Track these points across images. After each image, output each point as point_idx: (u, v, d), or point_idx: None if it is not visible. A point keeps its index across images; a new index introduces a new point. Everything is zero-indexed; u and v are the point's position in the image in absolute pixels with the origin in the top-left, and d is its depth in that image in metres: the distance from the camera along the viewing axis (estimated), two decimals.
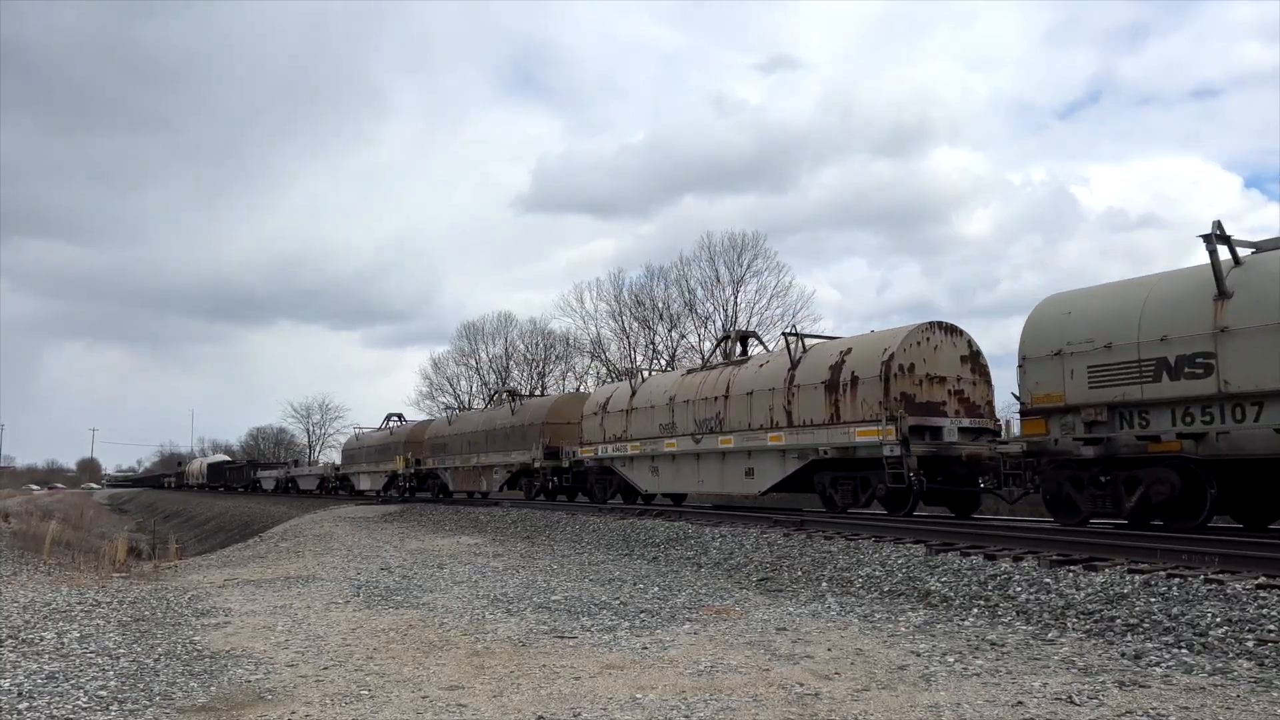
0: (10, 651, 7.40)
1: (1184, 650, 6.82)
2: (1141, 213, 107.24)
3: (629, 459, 22.99)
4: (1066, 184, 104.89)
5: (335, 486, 47.67)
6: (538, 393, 55.37)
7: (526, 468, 28.02)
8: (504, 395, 37.21)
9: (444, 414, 58.65)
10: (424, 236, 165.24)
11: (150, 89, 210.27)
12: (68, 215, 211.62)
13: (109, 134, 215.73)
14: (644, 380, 24.05)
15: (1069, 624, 7.90)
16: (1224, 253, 11.38)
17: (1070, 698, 5.63)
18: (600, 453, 24.24)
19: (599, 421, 24.59)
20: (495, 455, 29.86)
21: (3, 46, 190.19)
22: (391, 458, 38.19)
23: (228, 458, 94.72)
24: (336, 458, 67.95)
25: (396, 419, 43.13)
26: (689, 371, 22.44)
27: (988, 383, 16.86)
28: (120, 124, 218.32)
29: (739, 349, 22.98)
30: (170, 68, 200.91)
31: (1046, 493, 13.28)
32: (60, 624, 8.77)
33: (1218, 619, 7.28)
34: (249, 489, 65.66)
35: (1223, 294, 11.15)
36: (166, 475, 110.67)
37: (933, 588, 9.75)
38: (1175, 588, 8.21)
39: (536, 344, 59.95)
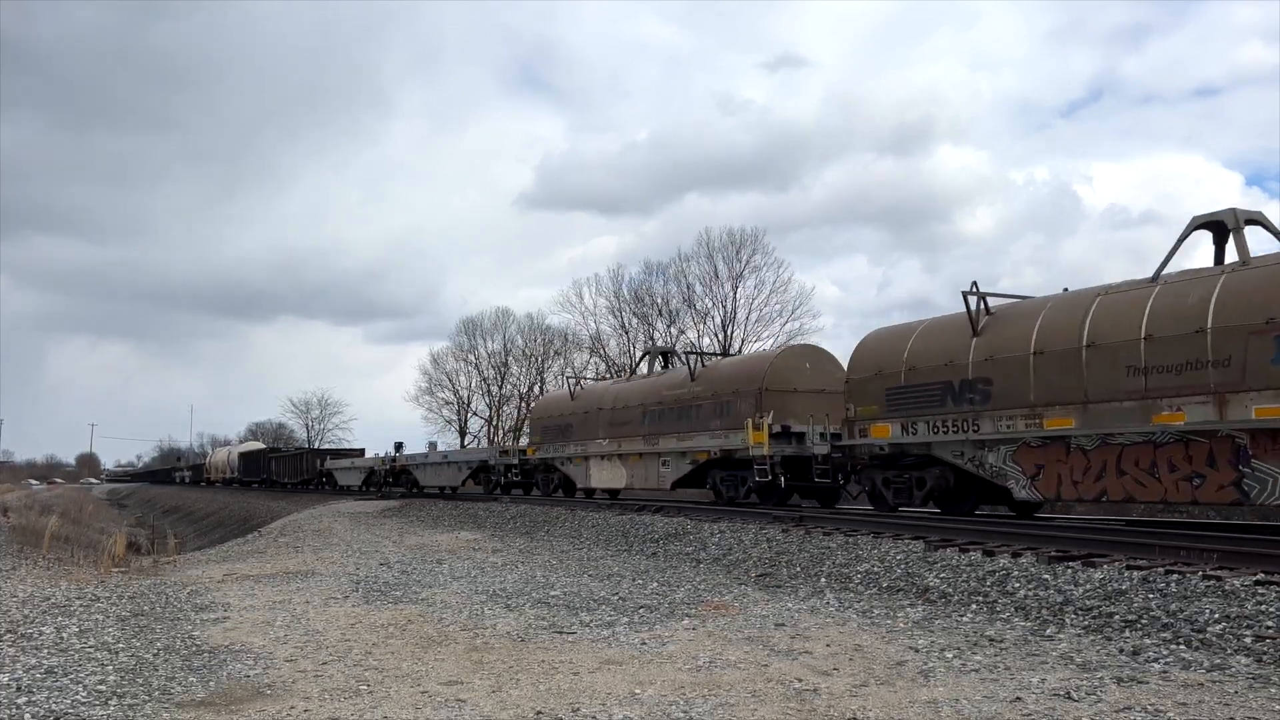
0: (9, 646, 7.40)
1: (1182, 646, 6.83)
2: (1143, 210, 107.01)
3: None
4: (1069, 182, 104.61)
5: (503, 484, 28.87)
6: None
7: None
8: None
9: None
10: (428, 234, 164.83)
11: (161, 89, 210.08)
12: (76, 212, 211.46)
13: (119, 133, 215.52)
14: None
15: (1067, 620, 7.91)
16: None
17: (1068, 693, 5.64)
18: None
19: None
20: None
21: (14, 45, 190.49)
22: (707, 425, 19.43)
23: (261, 444, 75.35)
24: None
25: (662, 357, 25.06)
26: None
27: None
28: (131, 123, 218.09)
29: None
30: (181, 68, 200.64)
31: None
32: (59, 619, 8.77)
33: (1216, 615, 7.28)
34: (309, 486, 47.66)
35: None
36: (178, 469, 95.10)
37: (931, 584, 9.76)
38: (1174, 584, 8.22)
39: (535, 340, 59.90)
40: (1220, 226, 12.37)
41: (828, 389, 18.26)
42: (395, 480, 37.53)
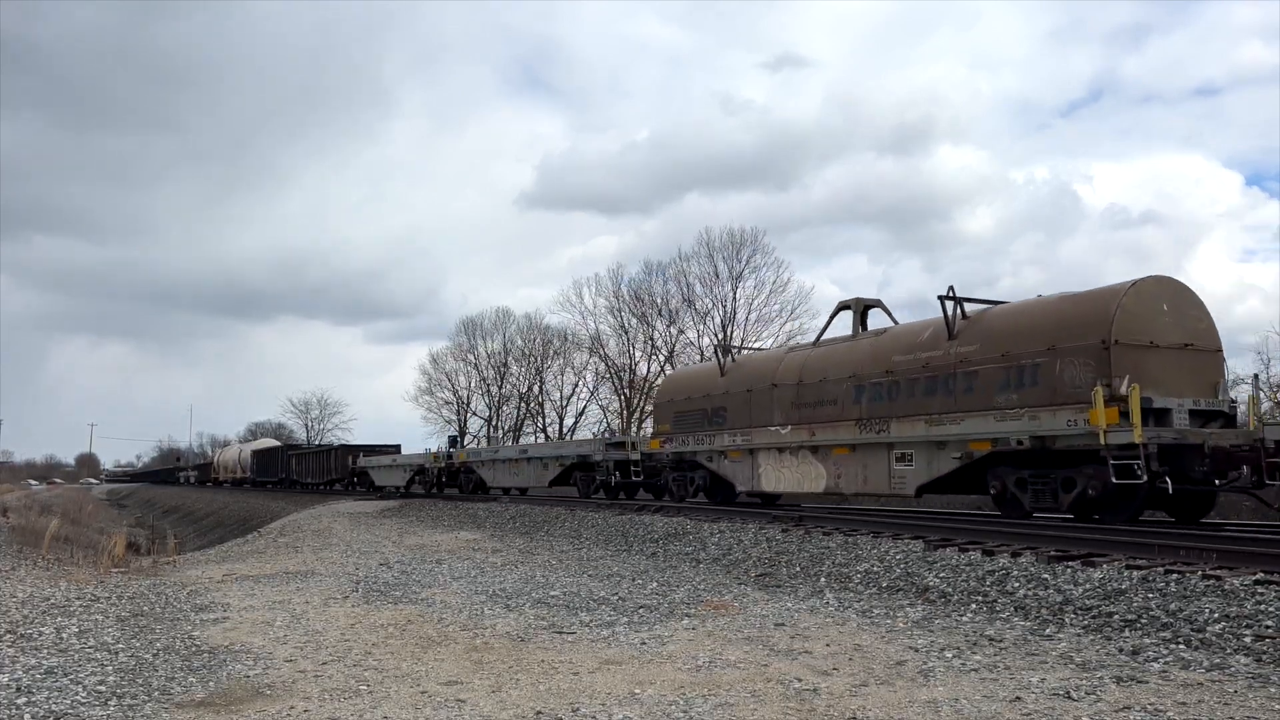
0: (9, 646, 7.40)
1: (1182, 646, 6.83)
2: (1143, 210, 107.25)
3: None
4: (1069, 182, 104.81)
5: (613, 485, 23.55)
6: None
7: None
8: None
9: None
10: (428, 233, 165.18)
11: (162, 89, 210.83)
12: (76, 212, 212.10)
13: (120, 133, 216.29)
14: None
15: (1067, 620, 7.91)
16: None
17: (1068, 693, 5.64)
18: None
19: None
20: None
21: (15, 45, 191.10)
22: (990, 400, 13.62)
23: (274, 441, 71.96)
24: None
25: (861, 315, 17.83)
26: None
27: None
28: (132, 123, 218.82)
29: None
30: (182, 68, 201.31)
31: None
32: (59, 619, 8.76)
33: (1215, 614, 7.29)
34: (336, 487, 42.90)
35: None
36: (181, 469, 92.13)
37: (931, 583, 9.76)
38: (1173, 583, 8.22)
39: (534, 340, 59.98)
40: None
41: (1196, 344, 12.95)
42: (450, 480, 32.43)
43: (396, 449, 42.00)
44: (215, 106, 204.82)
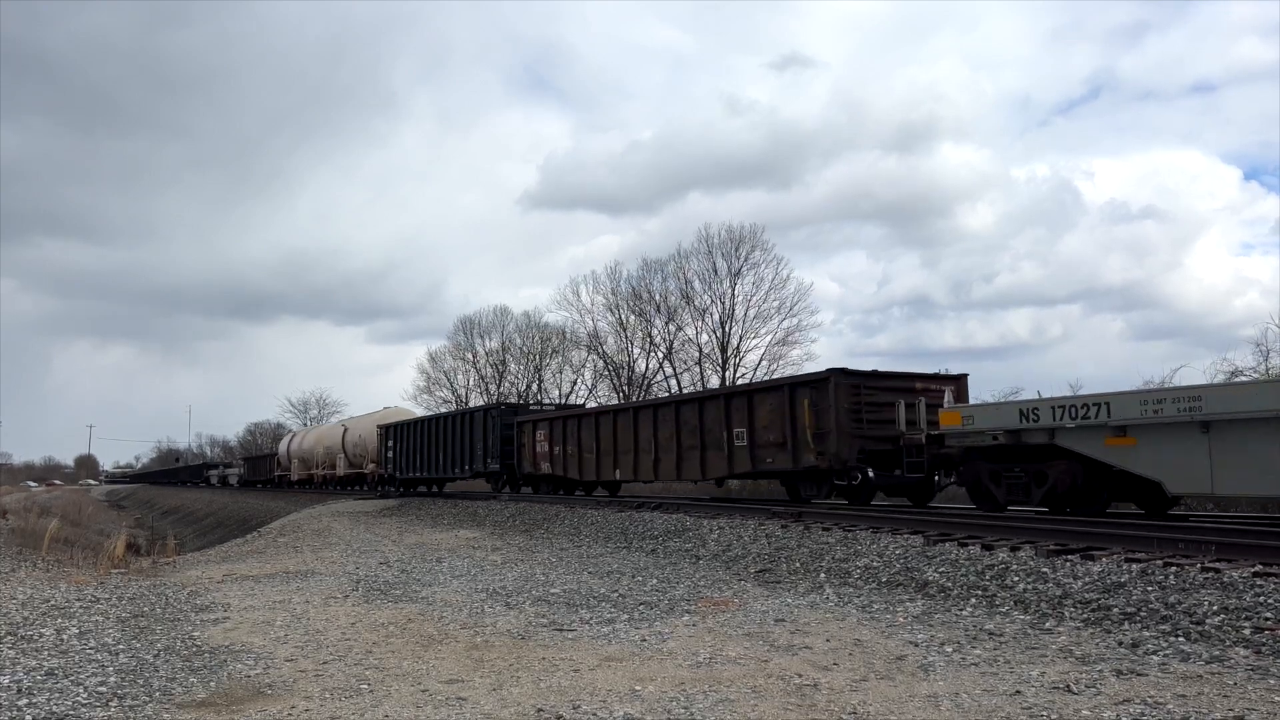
0: (9, 648, 7.40)
1: (1181, 638, 6.84)
2: (1143, 205, 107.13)
3: None
4: (1070, 178, 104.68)
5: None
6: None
7: None
8: None
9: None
10: (433, 234, 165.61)
11: (171, 95, 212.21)
12: (83, 216, 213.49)
13: (128, 138, 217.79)
14: None
15: (1066, 613, 7.92)
16: None
17: (1068, 686, 5.65)
18: None
19: None
20: None
21: (24, 51, 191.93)
22: None
23: (415, 409, 45.87)
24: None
25: None
26: None
27: None
28: (140, 129, 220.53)
29: None
30: (191, 74, 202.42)
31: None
32: (59, 620, 8.76)
33: (1215, 607, 7.30)
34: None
35: None
36: (213, 466, 77.57)
37: (930, 578, 9.77)
38: (1172, 576, 8.24)
39: (533, 338, 59.87)
40: None
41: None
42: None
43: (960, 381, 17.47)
44: (224, 111, 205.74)
